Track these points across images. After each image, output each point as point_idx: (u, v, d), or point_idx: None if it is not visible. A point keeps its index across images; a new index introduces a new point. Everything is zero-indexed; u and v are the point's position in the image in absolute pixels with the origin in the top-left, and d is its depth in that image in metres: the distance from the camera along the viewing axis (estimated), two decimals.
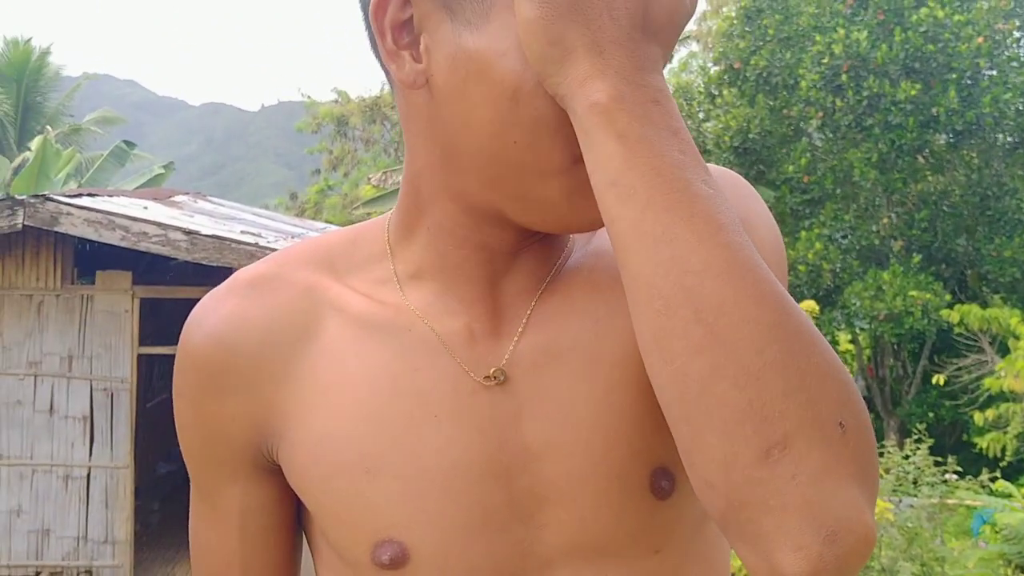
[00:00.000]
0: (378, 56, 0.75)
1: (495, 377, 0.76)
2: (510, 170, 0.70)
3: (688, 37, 22.18)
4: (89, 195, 7.27)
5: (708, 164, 0.86)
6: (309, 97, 28.56)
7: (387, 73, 0.75)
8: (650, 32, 0.64)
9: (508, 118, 0.68)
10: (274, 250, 6.22)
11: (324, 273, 0.81)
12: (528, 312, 0.78)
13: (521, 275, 0.79)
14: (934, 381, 10.76)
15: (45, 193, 6.83)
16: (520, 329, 0.77)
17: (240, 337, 0.79)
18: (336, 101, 26.22)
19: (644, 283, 0.61)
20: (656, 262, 0.60)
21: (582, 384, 0.75)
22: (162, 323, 7.89)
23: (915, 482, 6.47)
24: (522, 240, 0.77)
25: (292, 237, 7.92)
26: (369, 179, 19.57)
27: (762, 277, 0.60)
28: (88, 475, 6.92)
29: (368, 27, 0.75)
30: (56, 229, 6.38)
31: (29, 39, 23.97)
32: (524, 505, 0.75)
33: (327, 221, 17.91)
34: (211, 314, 0.80)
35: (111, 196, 7.81)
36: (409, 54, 0.71)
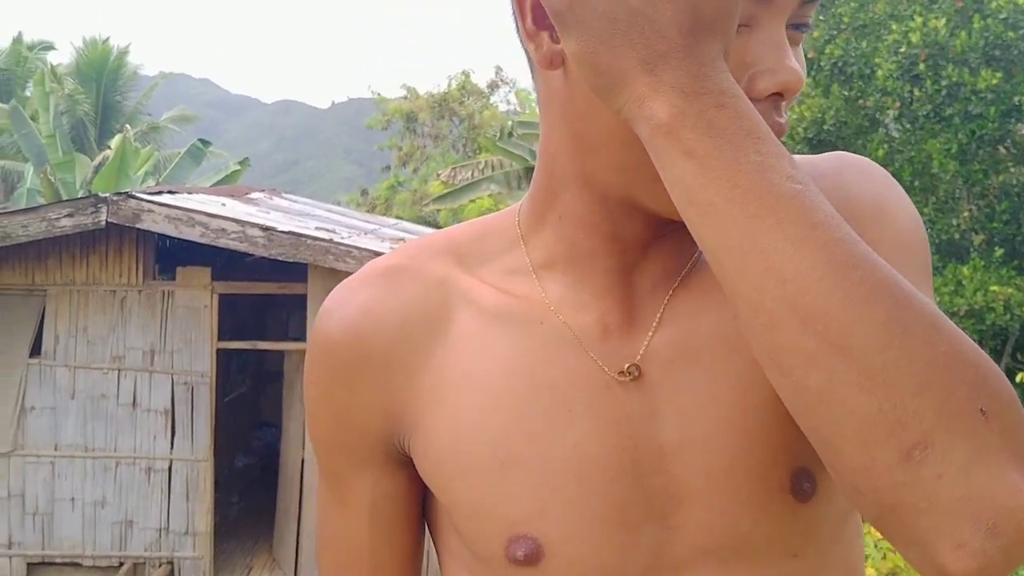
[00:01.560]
0: (521, 41, 0.74)
1: (629, 372, 0.75)
2: (642, 155, 0.67)
3: None
4: (169, 192, 7.42)
5: (834, 154, 0.84)
6: (378, 94, 28.82)
7: (528, 55, 0.74)
8: (702, 30, 0.60)
9: None
10: (348, 246, 6.28)
11: (455, 265, 0.81)
12: (663, 306, 0.77)
13: (654, 268, 0.77)
14: (1018, 380, 10.46)
15: (127, 191, 6.99)
16: (655, 324, 0.76)
17: (374, 327, 0.79)
18: (405, 97, 26.42)
19: (744, 299, 0.59)
20: (752, 276, 0.58)
21: (719, 382, 0.74)
22: (239, 318, 8.03)
23: None
24: (655, 230, 0.75)
25: (365, 233, 7.99)
26: (438, 175, 19.67)
27: (869, 272, 0.56)
28: (169, 467, 7.07)
29: (514, 11, 0.74)
30: (138, 226, 6.52)
31: (107, 39, 24.54)
32: (658, 504, 0.74)
33: (397, 217, 18.05)
34: (345, 304, 0.80)
35: (190, 193, 7.96)
36: (548, 34, 0.70)
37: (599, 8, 0.60)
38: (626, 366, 0.75)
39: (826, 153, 0.85)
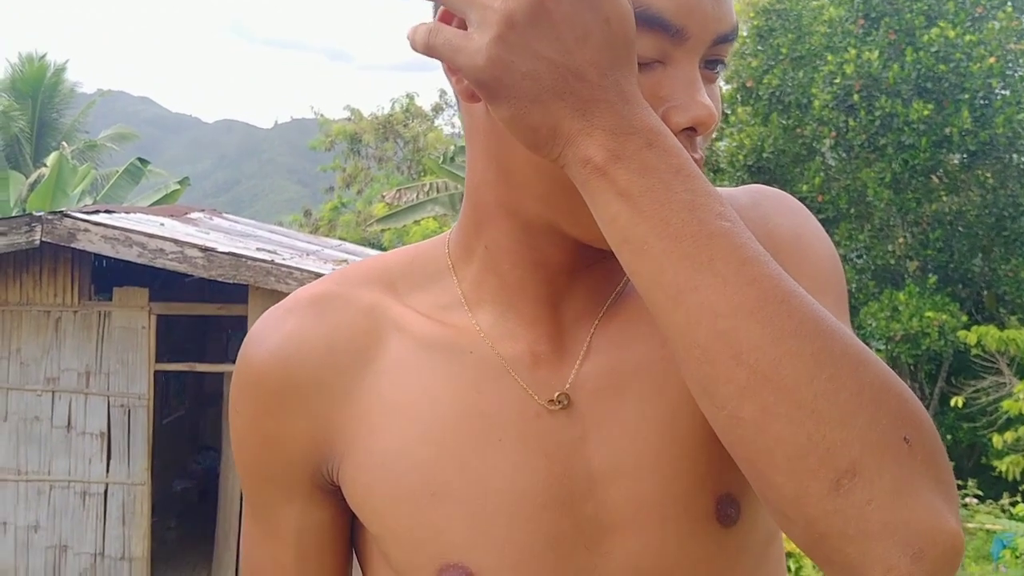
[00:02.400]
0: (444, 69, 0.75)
1: (559, 401, 0.75)
2: (562, 186, 0.68)
3: None
4: (106, 211, 7.31)
5: (752, 187, 0.86)
6: (322, 115, 28.68)
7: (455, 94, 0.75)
8: (619, 66, 0.61)
9: None
10: (289, 267, 6.22)
11: (385, 292, 0.81)
12: (590, 335, 0.77)
13: (581, 297, 0.78)
14: (952, 403, 10.69)
15: (63, 210, 6.87)
16: (582, 352, 0.77)
17: (302, 356, 0.78)
18: (349, 119, 26.33)
19: (678, 334, 0.60)
20: (686, 312, 0.59)
21: (647, 409, 0.75)
22: (176, 340, 7.91)
23: None
24: (580, 258, 0.76)
25: (307, 255, 7.94)
26: (383, 196, 19.62)
27: (796, 306, 0.58)
28: (105, 491, 6.92)
29: None
30: (73, 245, 6.41)
31: (44, 55, 24.16)
32: (589, 532, 0.74)
33: (341, 238, 17.94)
34: (272, 332, 0.79)
35: (128, 213, 7.85)
36: None
37: (522, 69, 0.60)
38: (555, 395, 0.75)
39: (744, 186, 0.87)
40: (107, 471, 6.91)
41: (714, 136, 13.60)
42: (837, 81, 11.61)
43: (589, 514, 0.74)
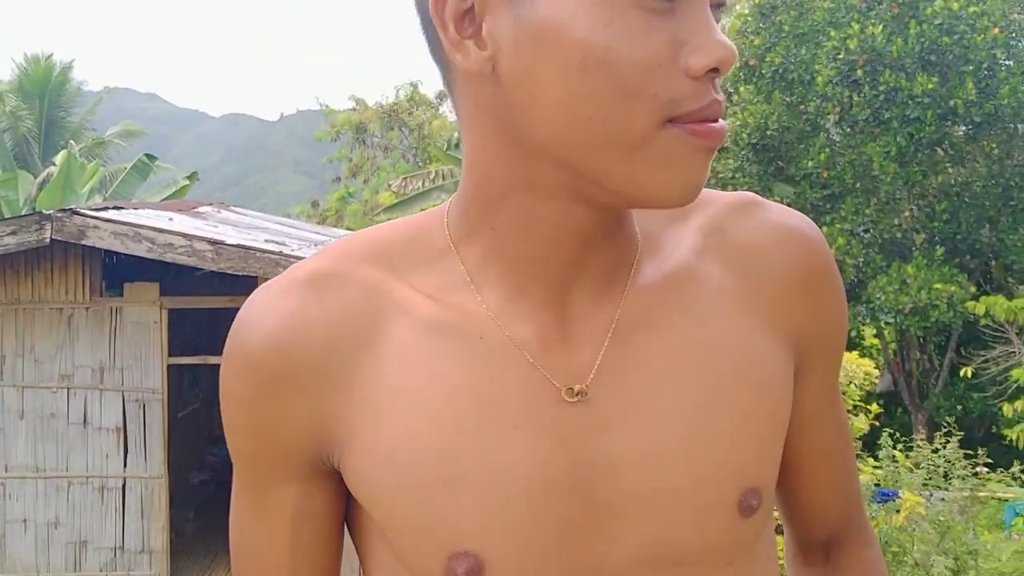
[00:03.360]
0: (436, 53, 0.74)
1: (580, 394, 0.74)
2: (588, 147, 0.68)
3: None
4: (115, 208, 7.37)
5: (780, 207, 0.86)
6: (327, 106, 28.68)
7: (447, 76, 0.75)
8: None
9: (579, 91, 0.66)
10: (299, 258, 6.27)
11: (385, 271, 0.78)
12: (615, 320, 0.76)
13: (590, 281, 0.76)
14: (961, 374, 10.70)
15: (72, 207, 6.93)
16: (607, 338, 0.75)
17: (301, 340, 0.75)
18: (354, 109, 26.33)
19: None
20: None
21: (672, 400, 0.75)
22: (188, 333, 7.97)
23: (946, 476, 6.45)
24: (598, 228, 0.74)
25: (315, 245, 7.99)
26: (389, 185, 19.65)
27: None
28: (123, 486, 7.01)
29: (424, 24, 0.74)
30: (84, 242, 6.47)
31: (50, 55, 24.21)
32: (601, 518, 0.74)
33: (348, 228, 18.00)
34: (269, 314, 0.76)
35: (136, 209, 7.91)
36: (473, 43, 0.70)
37: None
38: (576, 387, 0.74)
39: (794, 211, 0.87)
40: (124, 466, 7.00)
41: None
42: (841, 57, 11.57)
43: (602, 501, 0.73)
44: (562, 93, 0.67)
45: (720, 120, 0.69)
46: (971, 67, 11.30)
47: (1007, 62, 11.68)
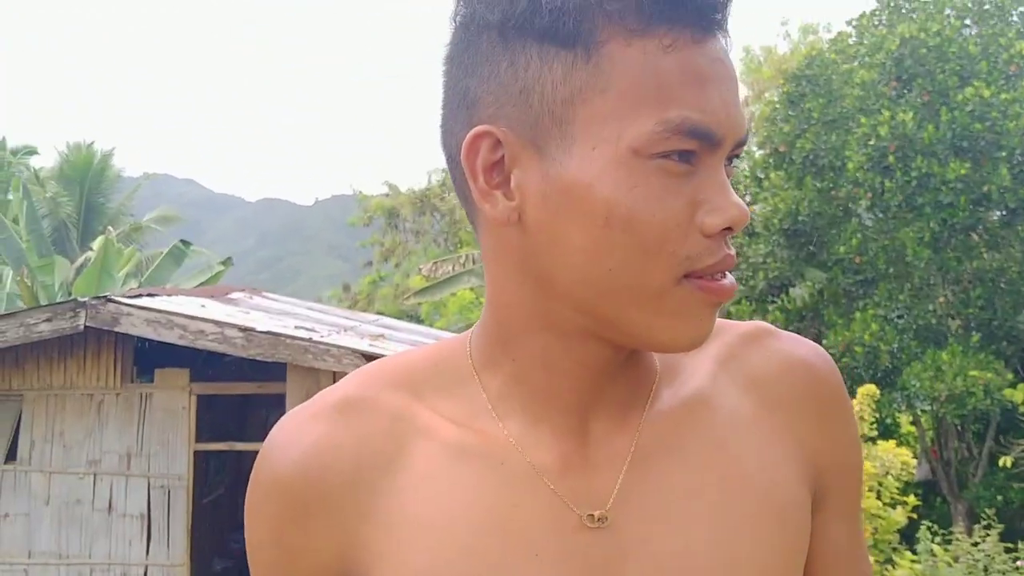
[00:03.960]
0: (462, 191, 0.77)
1: (601, 519, 0.75)
2: (607, 296, 0.71)
3: None
4: (148, 295, 7.45)
5: (792, 336, 0.88)
6: (360, 192, 29.10)
7: (472, 215, 0.78)
8: None
9: (602, 244, 0.70)
10: (327, 344, 6.27)
11: (411, 396, 0.80)
12: (633, 445, 0.77)
13: (609, 407, 0.78)
14: (1000, 463, 10.46)
15: (106, 295, 7.01)
16: (626, 464, 0.77)
17: (328, 466, 0.77)
18: (387, 194, 26.70)
19: None
20: None
21: (688, 525, 0.75)
22: (217, 418, 7.98)
23: (986, 570, 6.27)
24: (613, 360, 0.77)
25: (345, 330, 8.01)
26: (420, 269, 19.77)
27: None
28: (145, 573, 6.94)
29: (451, 164, 0.77)
30: (116, 329, 6.53)
31: (91, 143, 24.81)
32: None
33: (379, 312, 18.07)
34: (297, 440, 0.78)
35: (170, 295, 7.99)
36: (501, 192, 0.73)
37: None
38: (597, 513, 0.75)
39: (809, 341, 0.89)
40: (147, 553, 6.94)
41: (748, 200, 13.61)
42: (871, 143, 11.59)
43: None
44: (586, 244, 0.71)
45: (729, 276, 0.74)
46: (1004, 153, 11.29)
47: None
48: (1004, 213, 11.97)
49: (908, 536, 7.48)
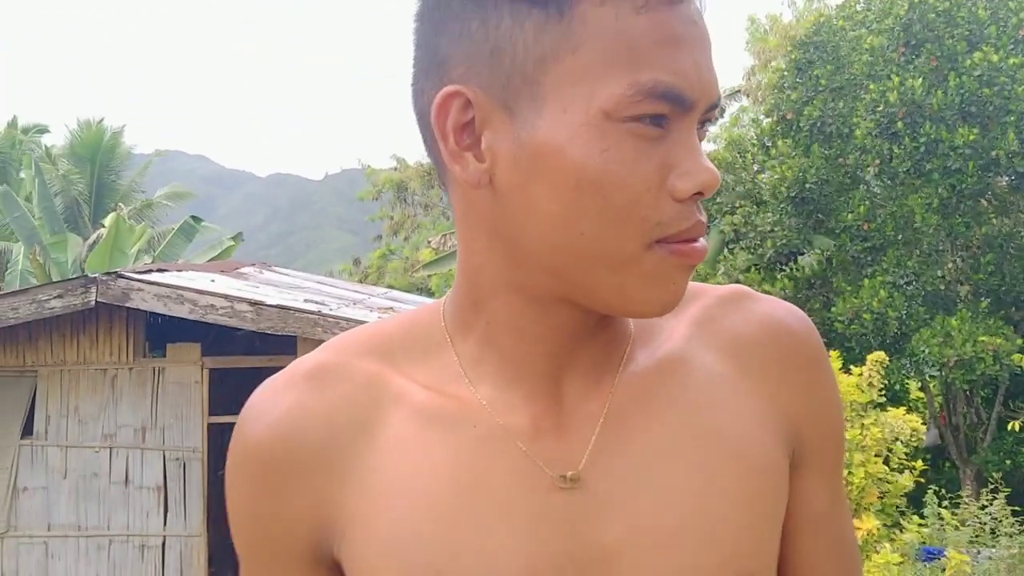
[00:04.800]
0: (432, 152, 0.76)
1: (573, 481, 0.75)
2: (579, 261, 0.71)
3: (737, 91, 22.21)
4: (159, 270, 7.52)
5: (771, 298, 0.87)
6: (368, 165, 29.09)
7: (443, 175, 0.78)
8: None
9: (573, 209, 0.69)
10: (336, 317, 6.34)
11: (384, 363, 0.80)
12: (605, 406, 0.77)
13: (582, 370, 0.78)
14: (1009, 428, 10.50)
15: (116, 270, 7.08)
16: (598, 425, 0.77)
17: (302, 432, 0.77)
18: (395, 168, 26.68)
19: None
20: None
21: (672, 485, 0.76)
22: (230, 392, 8.07)
23: (993, 532, 6.33)
24: (584, 325, 0.77)
25: (354, 303, 8.07)
26: (429, 242, 19.84)
27: None
28: (163, 544, 7.06)
29: (422, 124, 0.76)
30: (127, 304, 6.60)
31: (101, 120, 24.82)
32: None
33: (389, 285, 18.16)
34: (271, 407, 0.79)
35: (180, 271, 8.06)
36: (472, 154, 0.72)
37: None
38: (569, 473, 0.75)
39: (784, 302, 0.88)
40: (164, 524, 7.05)
41: (756, 169, 13.57)
42: (880, 109, 11.55)
43: None
44: (557, 209, 0.70)
45: (701, 240, 0.73)
46: (1012, 118, 11.23)
47: None
48: (1013, 178, 11.92)
49: (916, 500, 7.52)
